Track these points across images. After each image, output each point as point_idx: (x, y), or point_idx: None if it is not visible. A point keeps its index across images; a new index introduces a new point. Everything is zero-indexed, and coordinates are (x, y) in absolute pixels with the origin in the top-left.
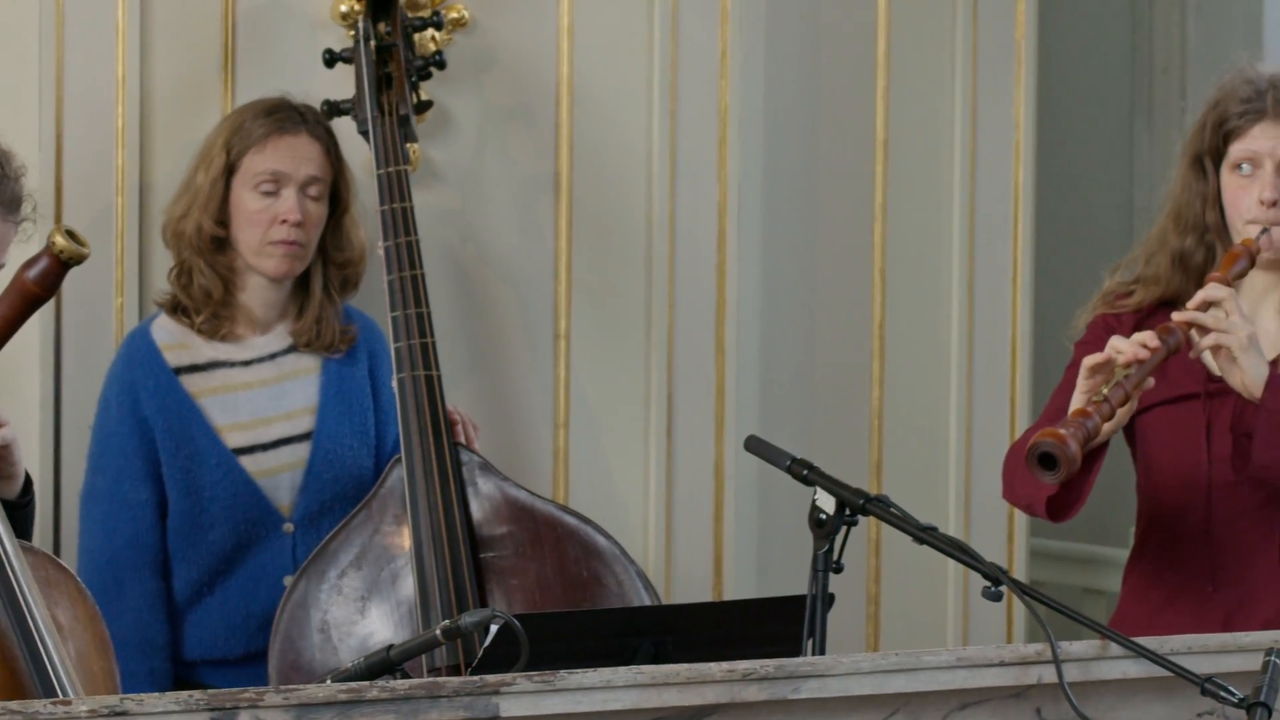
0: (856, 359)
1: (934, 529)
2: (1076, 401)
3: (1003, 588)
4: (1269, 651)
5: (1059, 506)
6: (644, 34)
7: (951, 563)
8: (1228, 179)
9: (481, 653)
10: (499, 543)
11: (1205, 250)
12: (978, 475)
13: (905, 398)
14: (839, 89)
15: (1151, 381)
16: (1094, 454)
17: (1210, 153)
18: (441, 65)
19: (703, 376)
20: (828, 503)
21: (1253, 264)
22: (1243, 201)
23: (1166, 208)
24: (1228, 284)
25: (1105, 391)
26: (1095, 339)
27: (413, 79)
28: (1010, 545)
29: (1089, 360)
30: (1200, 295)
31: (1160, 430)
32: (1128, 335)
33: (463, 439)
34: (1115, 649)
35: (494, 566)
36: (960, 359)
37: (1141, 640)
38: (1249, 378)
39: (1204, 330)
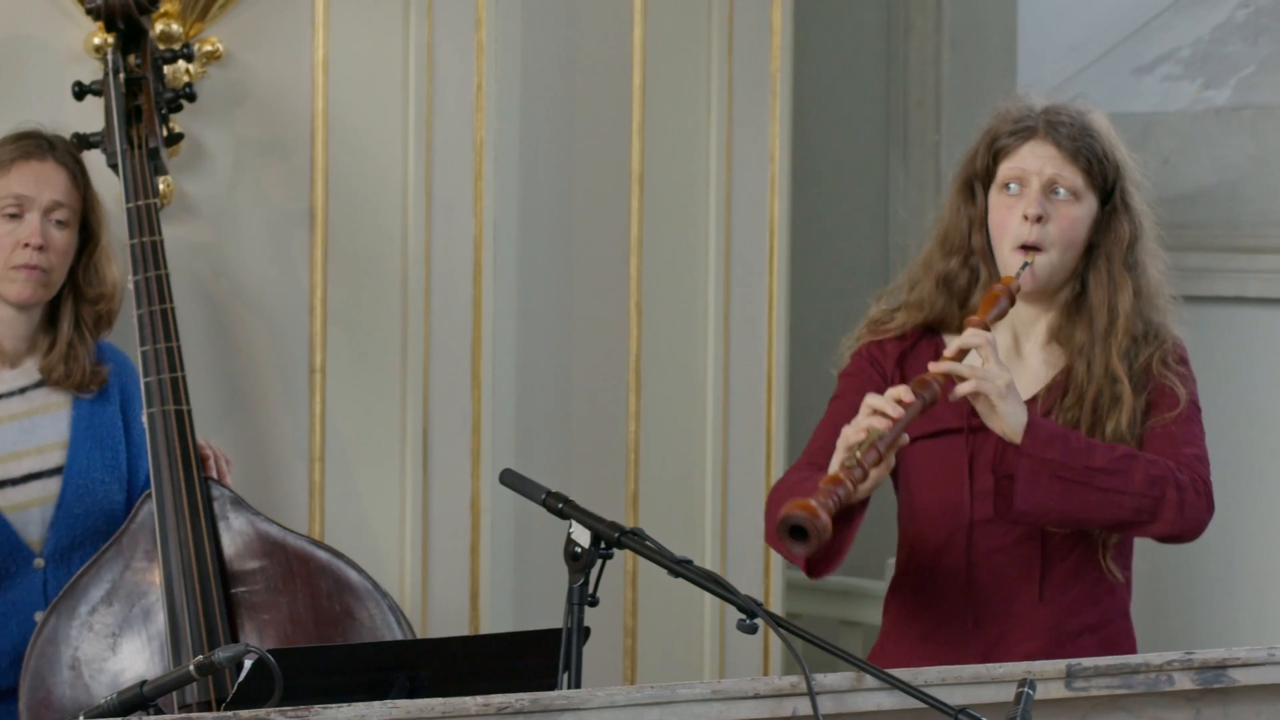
0: (612, 392)
1: (689, 562)
2: (833, 465)
3: (758, 620)
4: (1022, 682)
5: (817, 563)
6: (399, 67)
7: (708, 595)
8: (996, 199)
9: (235, 688)
10: (251, 578)
11: (970, 273)
12: (734, 508)
13: (661, 431)
14: (594, 122)
15: (906, 438)
16: (852, 510)
17: (981, 176)
18: (192, 98)
19: (458, 410)
20: (583, 536)
21: (1013, 303)
22: (1009, 221)
23: (933, 232)
24: (987, 327)
25: (858, 455)
26: (859, 369)
27: (163, 111)
28: (767, 578)
29: (848, 434)
30: (957, 342)
31: (922, 464)
32: (892, 363)
33: (214, 474)
34: (870, 681)
35: (246, 601)
36: (716, 392)
37: (896, 671)
38: (1008, 424)
39: (961, 379)
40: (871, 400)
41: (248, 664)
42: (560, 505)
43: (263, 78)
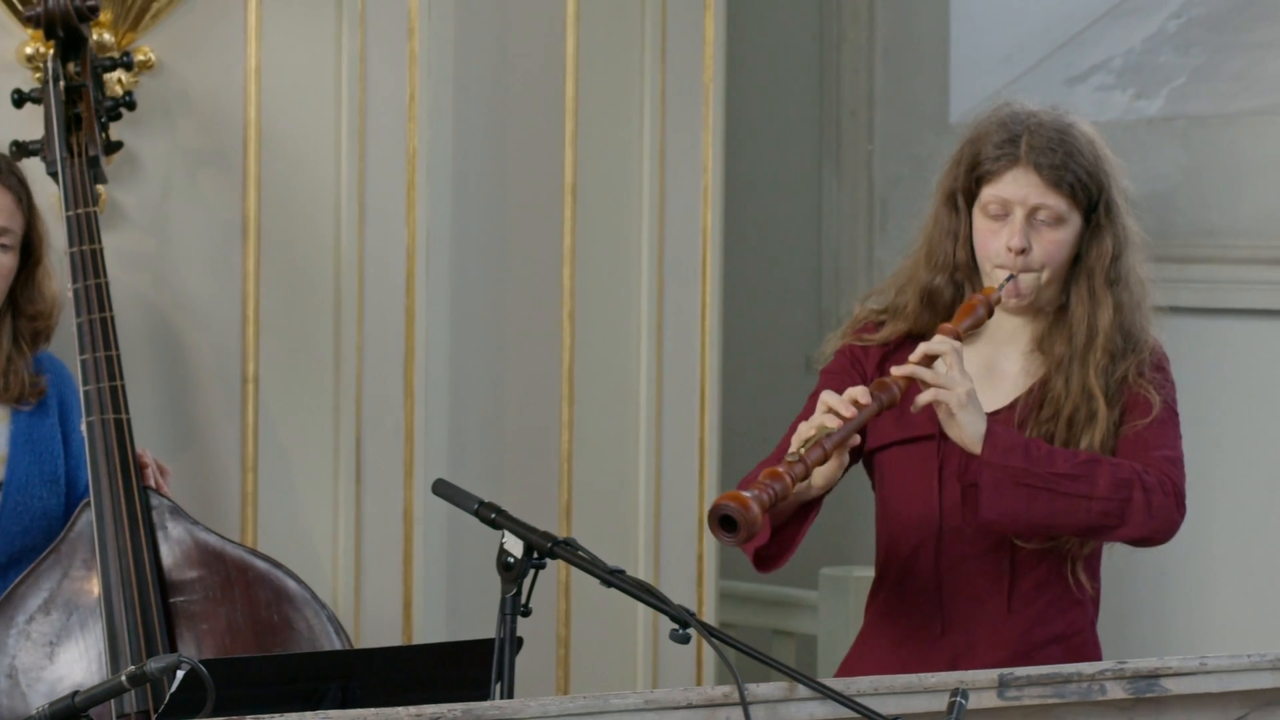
0: (545, 402)
1: (622, 572)
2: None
3: (690, 630)
4: (954, 692)
5: (766, 558)
6: (332, 77)
7: (641, 605)
8: (979, 221)
9: (167, 699)
10: (189, 587)
11: (954, 288)
12: (667, 518)
13: (595, 441)
14: (527, 132)
15: (857, 439)
16: (807, 507)
17: (964, 191)
18: (132, 106)
19: (391, 420)
20: (516, 546)
21: (990, 314)
22: (991, 245)
23: (920, 240)
24: (958, 336)
25: (802, 451)
26: (841, 368)
27: (103, 120)
28: (700, 587)
29: (803, 431)
30: (923, 348)
31: (895, 470)
32: (874, 369)
33: (153, 482)
34: (802, 690)
35: (184, 611)
36: (649, 402)
37: (828, 681)
38: (966, 434)
39: (923, 383)
40: (827, 398)
41: (180, 674)
42: (493, 515)
43: (195, 87)
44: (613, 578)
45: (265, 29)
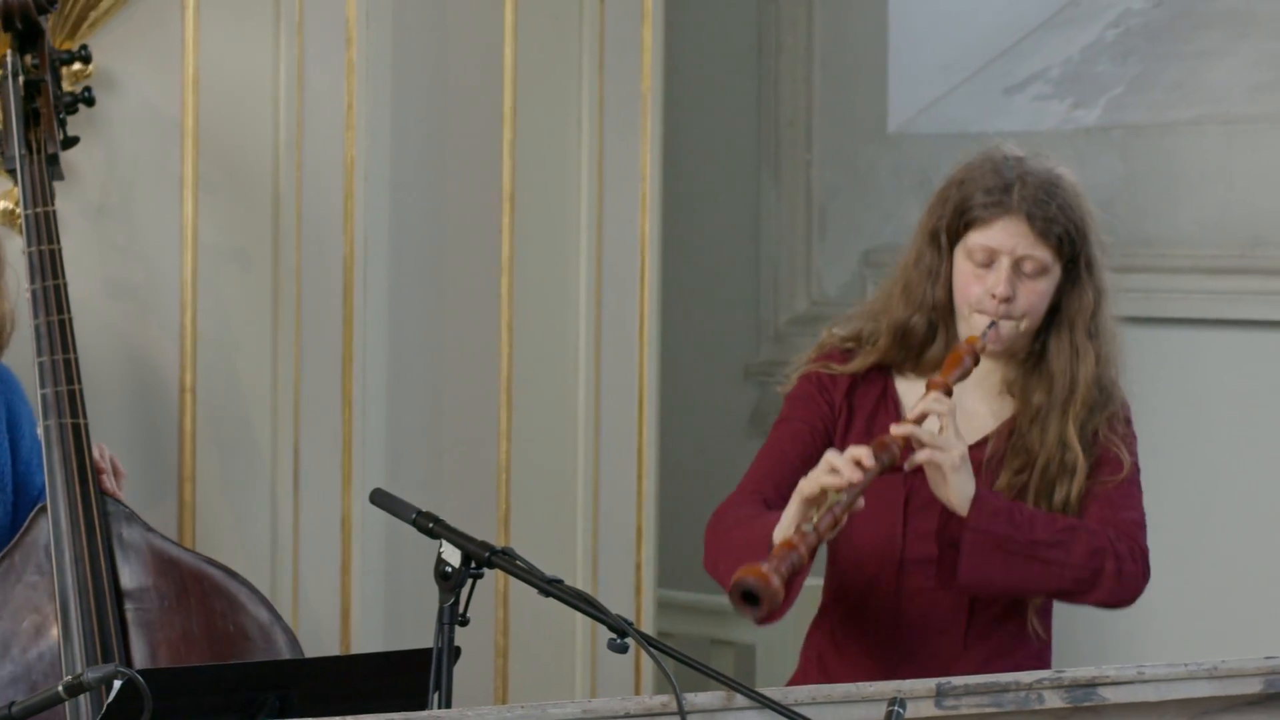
0: (484, 412)
1: (560, 581)
2: (785, 526)
3: (629, 639)
4: (892, 701)
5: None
6: (270, 86)
7: (579, 615)
8: (963, 265)
9: (104, 709)
10: (144, 595)
11: (928, 326)
12: (605, 527)
13: (533, 450)
14: (465, 141)
15: (862, 503)
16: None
17: (949, 232)
18: (90, 102)
19: (329, 429)
20: (454, 555)
21: (976, 363)
22: (973, 290)
23: (898, 273)
24: (949, 391)
25: (815, 521)
26: (808, 394)
27: (61, 115)
28: (639, 597)
29: (804, 488)
30: (920, 407)
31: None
32: (841, 397)
33: (109, 486)
34: (740, 700)
35: (139, 619)
36: (588, 411)
37: (766, 690)
38: (956, 496)
39: (920, 444)
40: (831, 458)
41: (117, 684)
42: (431, 525)
43: (133, 95)
44: (550, 587)
45: (203, 38)
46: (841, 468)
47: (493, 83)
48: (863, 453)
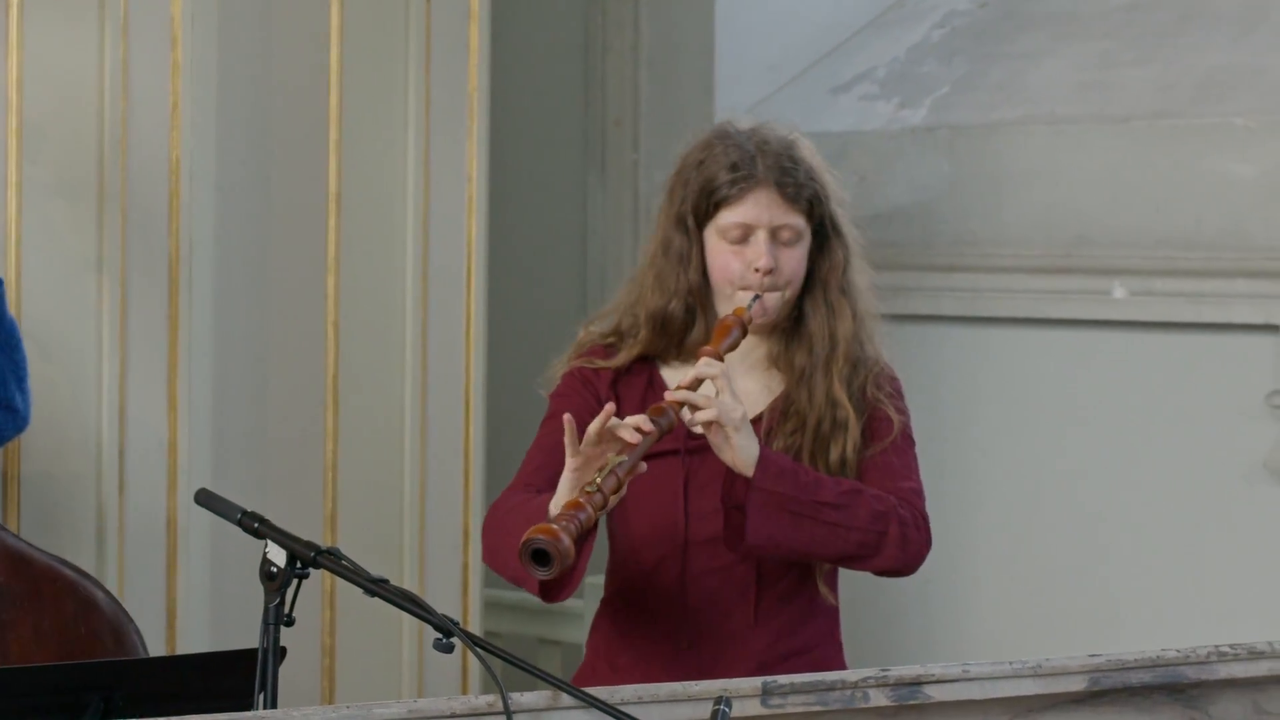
0: (310, 411)
1: (385, 581)
2: (566, 489)
3: (454, 639)
4: (718, 700)
5: (552, 587)
6: (95, 85)
7: (406, 615)
8: (717, 244)
9: None
10: None
11: (686, 311)
12: (432, 527)
13: (359, 450)
14: (291, 141)
15: (644, 466)
16: (586, 533)
17: (695, 213)
18: None
19: (154, 429)
20: (279, 555)
21: (745, 333)
22: (733, 268)
23: (647, 263)
24: (720, 358)
25: (598, 481)
26: (572, 389)
27: None
28: (465, 596)
29: (593, 427)
30: (693, 372)
31: (636, 486)
32: (606, 389)
33: None
34: (566, 699)
35: None
36: (414, 411)
37: (593, 690)
38: (740, 456)
39: (696, 408)
40: (612, 426)
41: None
42: (256, 525)
43: None
44: (376, 587)
45: (27, 36)
46: (622, 434)
47: (319, 82)
48: (640, 419)
